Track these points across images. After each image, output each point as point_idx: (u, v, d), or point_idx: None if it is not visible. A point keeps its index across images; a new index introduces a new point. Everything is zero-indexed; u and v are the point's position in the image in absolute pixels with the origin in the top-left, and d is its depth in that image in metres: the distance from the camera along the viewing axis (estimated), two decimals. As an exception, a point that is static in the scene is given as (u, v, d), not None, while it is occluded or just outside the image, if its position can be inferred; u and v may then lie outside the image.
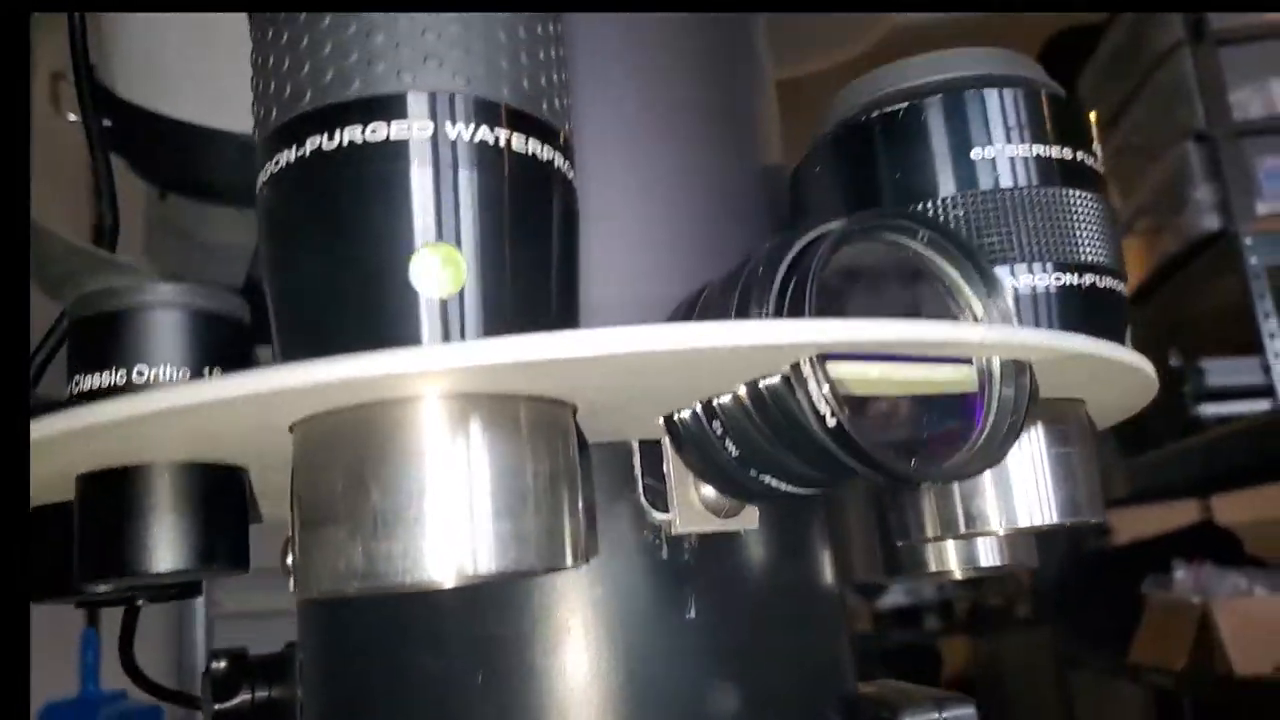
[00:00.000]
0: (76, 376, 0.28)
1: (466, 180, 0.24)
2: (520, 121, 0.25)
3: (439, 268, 0.23)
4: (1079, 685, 2.21)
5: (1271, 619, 1.54)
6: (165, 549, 0.27)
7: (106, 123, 0.68)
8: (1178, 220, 1.68)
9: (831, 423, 0.23)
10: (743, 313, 0.26)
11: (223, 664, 0.44)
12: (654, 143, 0.36)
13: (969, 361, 0.27)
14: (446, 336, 0.23)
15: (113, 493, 0.27)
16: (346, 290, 0.23)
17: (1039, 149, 0.32)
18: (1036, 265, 0.31)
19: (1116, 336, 0.32)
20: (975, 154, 0.32)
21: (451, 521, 0.22)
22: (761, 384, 0.25)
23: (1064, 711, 2.28)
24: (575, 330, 0.21)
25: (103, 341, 0.28)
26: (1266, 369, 1.51)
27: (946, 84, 0.33)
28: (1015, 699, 2.56)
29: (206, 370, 0.28)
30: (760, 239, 0.37)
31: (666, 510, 0.32)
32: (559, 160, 0.26)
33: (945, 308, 0.28)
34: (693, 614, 0.31)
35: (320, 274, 0.24)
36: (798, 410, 0.24)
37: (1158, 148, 1.72)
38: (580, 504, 0.25)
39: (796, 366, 0.23)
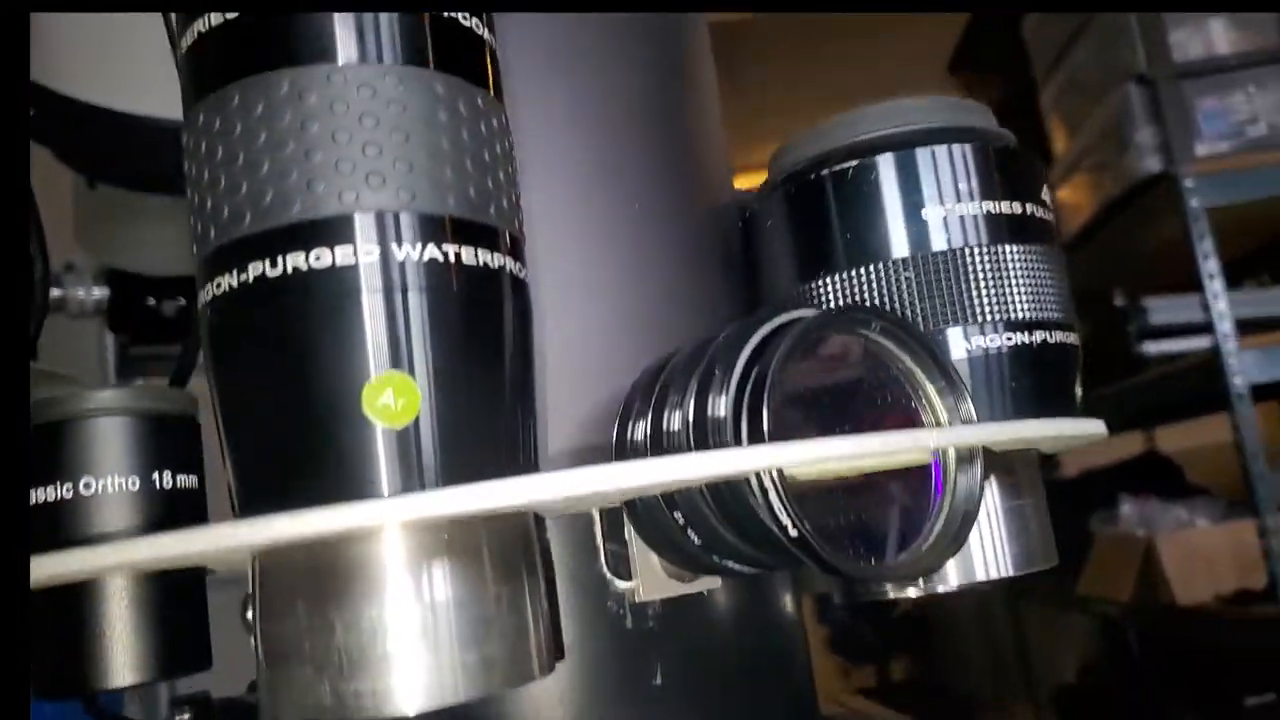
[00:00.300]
0: (33, 488, 0.27)
1: (417, 303, 0.23)
2: (469, 232, 0.24)
3: (393, 397, 0.23)
4: (1029, 617, 2.28)
5: (1211, 550, 1.60)
6: (123, 664, 0.27)
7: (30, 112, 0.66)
8: (1120, 162, 1.69)
9: (794, 533, 0.23)
10: (703, 398, 0.26)
11: (186, 715, 0.43)
12: (603, 198, 0.35)
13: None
14: (404, 469, 0.23)
15: (66, 610, 0.27)
16: (298, 422, 0.23)
17: (989, 205, 0.32)
18: (988, 326, 0.31)
19: (1069, 388, 0.33)
20: (925, 214, 0.32)
21: (418, 658, 0.22)
22: (723, 487, 0.25)
23: (1015, 641, 2.36)
24: (536, 475, 0.21)
25: (46, 453, 0.27)
26: (1206, 307, 1.54)
27: (896, 140, 0.33)
28: (968, 630, 2.65)
29: (156, 475, 0.28)
30: (716, 284, 0.37)
31: (630, 578, 0.32)
32: (510, 264, 0.26)
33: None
34: (659, 680, 0.32)
35: (270, 405, 0.23)
36: (761, 515, 0.24)
37: (1101, 89, 1.73)
38: (544, 611, 0.25)
39: (759, 478, 0.24)
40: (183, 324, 1.07)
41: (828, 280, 0.33)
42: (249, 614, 0.39)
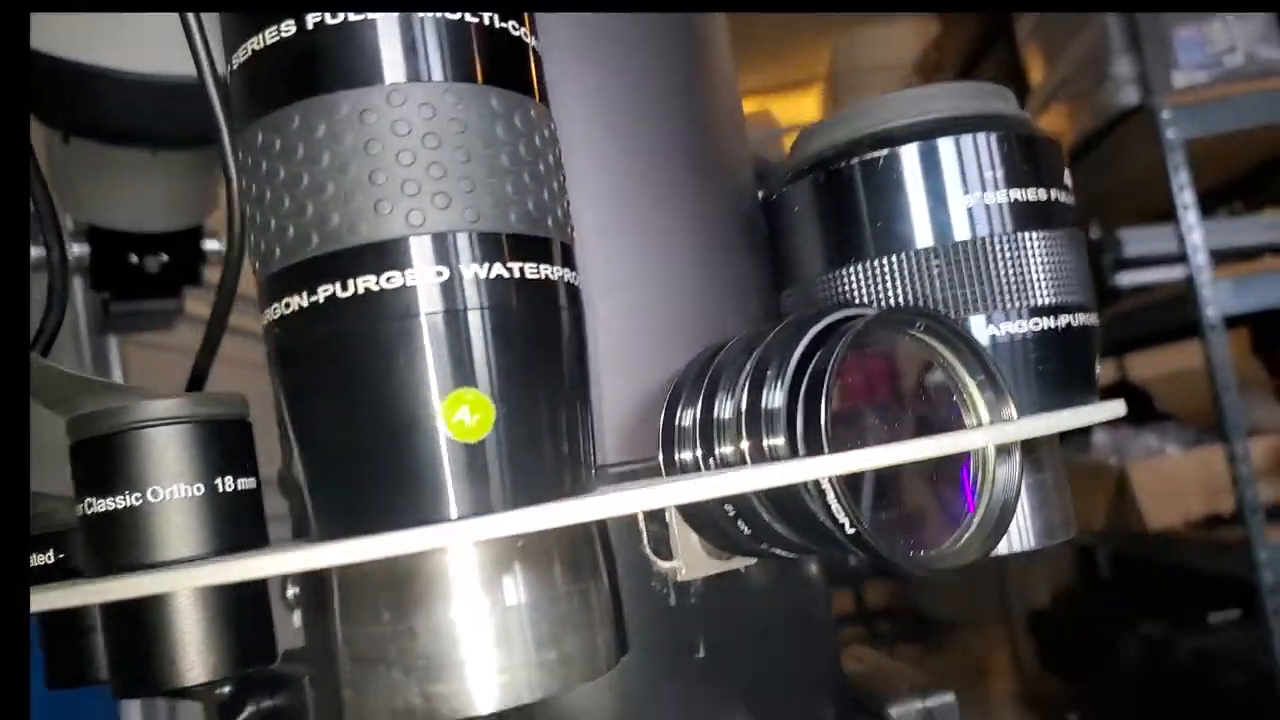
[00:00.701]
0: (88, 499, 0.28)
1: (484, 320, 0.24)
2: (530, 247, 0.25)
3: (468, 413, 0.24)
4: (1004, 540, 2.34)
5: (1180, 476, 1.65)
6: (196, 662, 0.28)
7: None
8: (1098, 93, 1.70)
9: (851, 531, 0.25)
10: (757, 388, 0.27)
11: (226, 688, 0.45)
12: (636, 192, 0.35)
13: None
14: (477, 484, 0.24)
15: (137, 615, 0.28)
16: (372, 440, 0.24)
17: (1015, 193, 0.33)
18: (1012, 312, 0.32)
19: (1089, 366, 0.34)
20: (953, 203, 0.33)
21: (497, 659, 0.24)
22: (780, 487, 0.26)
23: (992, 567, 2.43)
24: (606, 495, 0.22)
25: (111, 464, 0.28)
26: (1181, 238, 1.57)
27: (924, 128, 0.33)
28: (944, 551, 2.71)
29: (219, 480, 0.29)
30: (745, 267, 0.38)
31: (671, 557, 0.33)
32: (568, 275, 0.26)
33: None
34: (702, 653, 0.33)
35: (343, 422, 0.24)
36: (818, 514, 0.25)
37: (1078, 19, 1.72)
38: (610, 605, 0.27)
39: (817, 483, 0.25)
40: (165, 280, 1.06)
41: (856, 268, 0.34)
42: (289, 593, 0.40)
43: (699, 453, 0.29)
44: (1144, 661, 1.68)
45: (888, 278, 0.33)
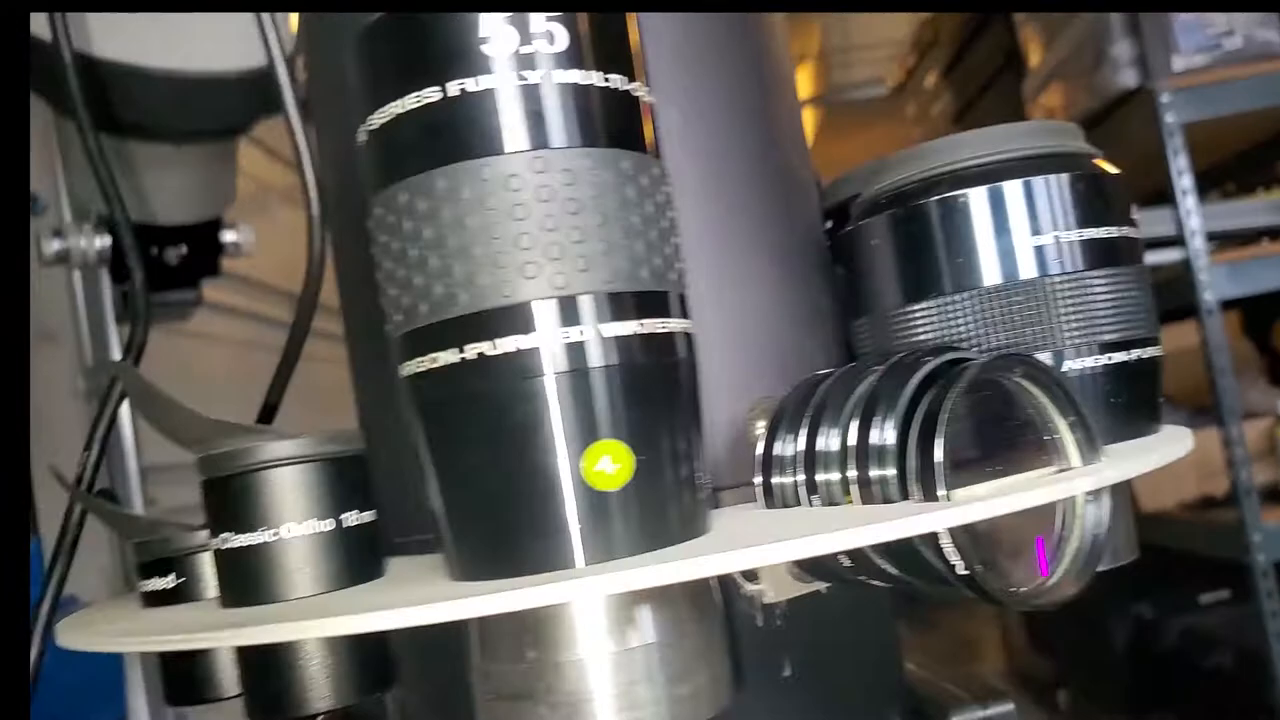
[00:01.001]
0: (225, 534, 0.29)
1: (622, 375, 0.25)
2: (657, 303, 0.26)
3: (610, 463, 0.25)
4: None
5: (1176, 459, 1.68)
6: (326, 691, 0.30)
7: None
8: (1096, 75, 1.71)
9: (963, 571, 0.26)
10: (867, 422, 0.29)
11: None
12: (721, 222, 0.37)
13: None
14: (614, 532, 0.25)
15: (274, 645, 0.29)
16: (519, 488, 0.25)
17: (1087, 233, 0.34)
18: (1083, 349, 0.34)
19: (1155, 396, 0.36)
20: (1028, 242, 0.34)
21: (638, 696, 0.25)
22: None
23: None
24: (741, 550, 0.24)
25: (247, 501, 0.29)
26: (1179, 221, 1.58)
27: (1003, 168, 0.35)
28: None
29: (345, 515, 0.30)
30: (816, 296, 0.39)
31: (756, 580, 0.35)
32: (685, 324, 0.28)
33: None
34: (787, 672, 0.35)
35: (490, 473, 0.25)
36: (928, 555, 0.27)
37: None
38: (727, 638, 0.28)
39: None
40: (185, 272, 1.07)
41: (932, 304, 0.35)
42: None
43: (799, 478, 0.30)
44: (1134, 641, 1.73)
45: (961, 314, 0.35)
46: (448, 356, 0.25)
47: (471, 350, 0.25)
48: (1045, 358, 0.34)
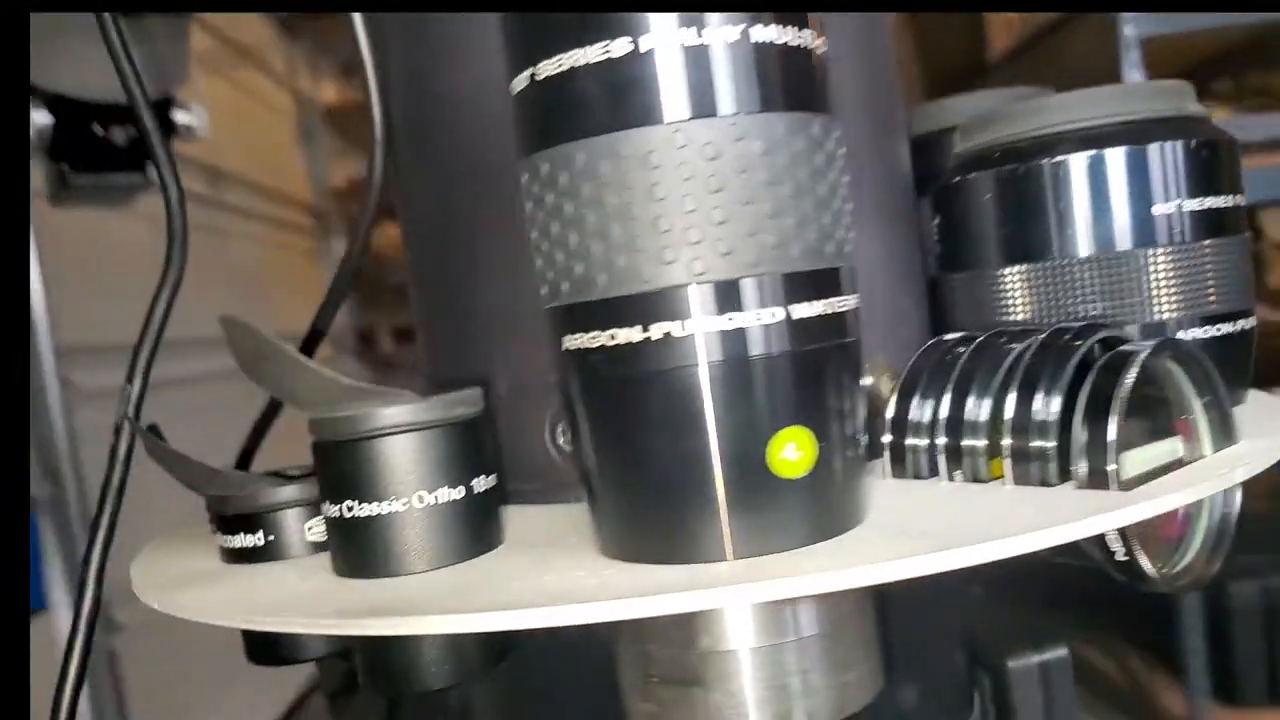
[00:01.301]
0: (348, 502, 0.28)
1: (807, 358, 0.24)
2: (828, 283, 0.25)
3: (794, 450, 0.24)
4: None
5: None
6: (444, 669, 0.29)
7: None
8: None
9: (1122, 557, 0.26)
10: (1027, 394, 0.28)
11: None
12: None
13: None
14: (810, 514, 0.24)
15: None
16: (697, 475, 0.24)
17: (1204, 201, 0.34)
18: (1198, 318, 0.34)
19: (1248, 366, 0.36)
20: (1154, 210, 0.34)
21: (808, 684, 0.25)
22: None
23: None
24: (928, 554, 0.23)
25: (374, 468, 0.27)
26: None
27: (1125, 131, 0.34)
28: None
29: (474, 481, 0.29)
30: (909, 249, 0.38)
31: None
32: (856, 301, 0.26)
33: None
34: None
35: (661, 456, 0.24)
36: (1086, 543, 0.27)
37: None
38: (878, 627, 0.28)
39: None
40: (132, 153, 1.00)
41: (1037, 266, 0.35)
42: (559, 439, 0.37)
43: (940, 441, 0.30)
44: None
45: (1066, 281, 0.34)
46: (628, 334, 0.24)
47: (657, 330, 0.24)
48: (1146, 329, 0.34)
